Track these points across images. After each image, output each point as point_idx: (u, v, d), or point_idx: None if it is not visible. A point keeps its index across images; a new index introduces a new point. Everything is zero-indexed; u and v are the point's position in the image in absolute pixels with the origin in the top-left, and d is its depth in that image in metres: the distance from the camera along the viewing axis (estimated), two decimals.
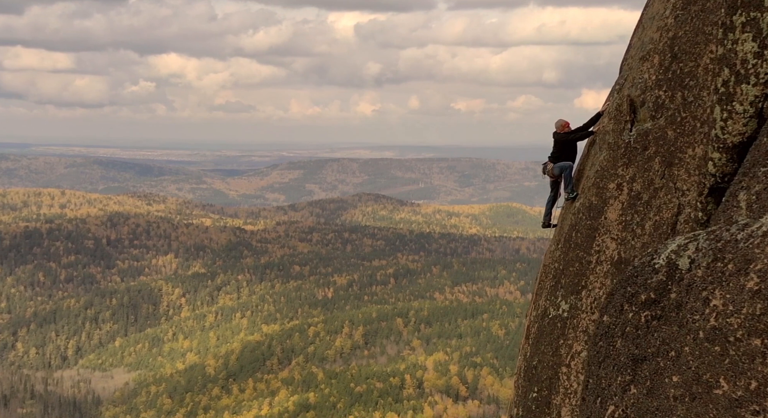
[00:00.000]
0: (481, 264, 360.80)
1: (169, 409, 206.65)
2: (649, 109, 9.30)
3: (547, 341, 9.71)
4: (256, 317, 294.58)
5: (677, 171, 8.56)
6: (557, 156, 11.93)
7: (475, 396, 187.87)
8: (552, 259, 10.51)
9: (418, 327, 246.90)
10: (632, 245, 8.86)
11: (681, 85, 8.82)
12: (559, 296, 9.79)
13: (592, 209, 9.70)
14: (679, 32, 9.06)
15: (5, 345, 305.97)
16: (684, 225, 8.22)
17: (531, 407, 9.85)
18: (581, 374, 8.87)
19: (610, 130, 10.07)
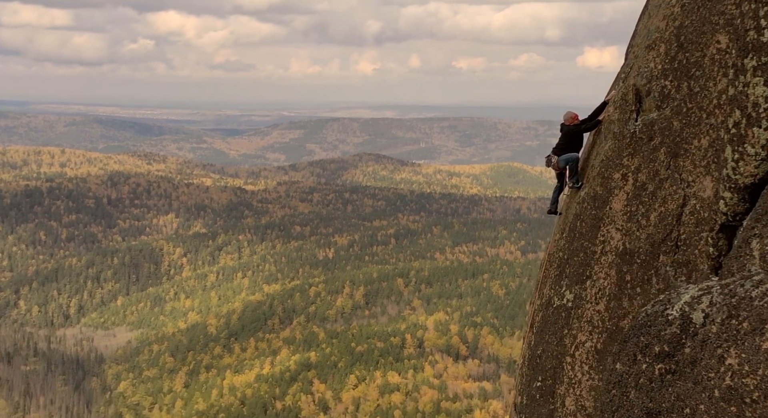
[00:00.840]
0: (481, 224, 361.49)
1: (171, 367, 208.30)
2: (655, 99, 9.19)
3: (551, 330, 9.58)
4: (257, 277, 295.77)
5: (683, 162, 8.47)
6: (563, 148, 11.60)
7: (476, 355, 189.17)
8: (556, 248, 10.29)
9: (418, 287, 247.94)
10: (637, 236, 8.71)
11: (687, 75, 8.69)
12: (563, 286, 9.62)
13: (597, 199, 9.52)
14: (685, 21, 8.93)
15: (8, 303, 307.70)
16: (689, 217, 8.13)
17: (535, 396, 9.75)
18: (585, 365, 8.91)
19: (615, 119, 9.89)
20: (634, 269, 8.35)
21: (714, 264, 6.84)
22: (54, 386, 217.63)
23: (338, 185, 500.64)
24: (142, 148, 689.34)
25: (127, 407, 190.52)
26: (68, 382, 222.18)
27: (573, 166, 10.86)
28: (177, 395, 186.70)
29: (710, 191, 7.78)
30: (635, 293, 8.23)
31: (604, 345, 8.43)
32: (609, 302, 8.55)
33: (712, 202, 7.54)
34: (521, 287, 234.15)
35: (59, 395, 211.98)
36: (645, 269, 8.24)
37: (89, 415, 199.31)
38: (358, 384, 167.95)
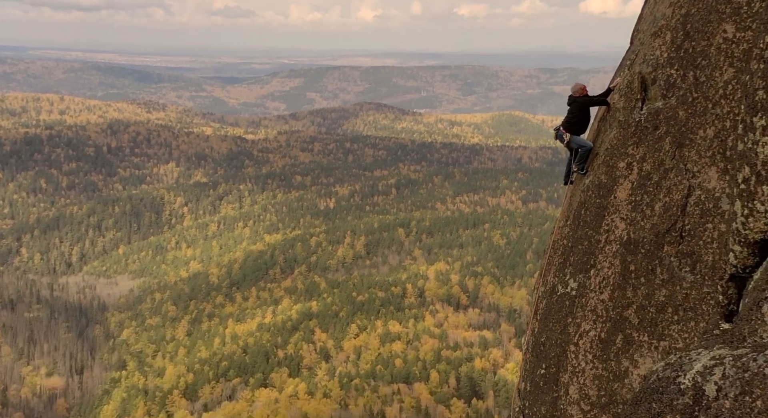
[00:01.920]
0: (482, 174, 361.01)
1: (173, 316, 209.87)
2: (661, 88, 9.12)
3: (555, 318, 9.57)
4: (258, 227, 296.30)
5: (688, 152, 8.44)
6: (573, 123, 11.37)
7: (476, 304, 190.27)
8: (561, 235, 10.23)
9: (419, 237, 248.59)
10: (641, 225, 8.65)
11: (693, 64, 8.63)
12: (567, 274, 9.59)
13: (602, 188, 9.43)
14: (691, 9, 8.85)
15: (10, 250, 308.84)
16: (694, 207, 8.11)
17: (539, 383, 9.79)
18: (589, 354, 8.87)
19: (621, 107, 9.75)
20: (638, 259, 8.33)
21: (724, 311, 6.81)
22: (57, 333, 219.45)
23: (339, 135, 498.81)
24: (141, 96, 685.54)
25: (131, 354, 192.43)
26: (71, 329, 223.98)
27: (584, 153, 10.72)
28: (179, 343, 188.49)
29: (715, 182, 7.79)
30: (639, 283, 8.22)
31: (608, 335, 8.43)
32: (613, 291, 8.54)
33: (717, 198, 7.56)
34: (522, 237, 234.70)
35: (63, 342, 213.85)
36: (649, 259, 8.22)
37: (93, 362, 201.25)
38: (359, 333, 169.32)
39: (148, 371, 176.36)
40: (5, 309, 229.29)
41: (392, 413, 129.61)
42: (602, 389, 8.36)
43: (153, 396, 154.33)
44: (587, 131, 11.48)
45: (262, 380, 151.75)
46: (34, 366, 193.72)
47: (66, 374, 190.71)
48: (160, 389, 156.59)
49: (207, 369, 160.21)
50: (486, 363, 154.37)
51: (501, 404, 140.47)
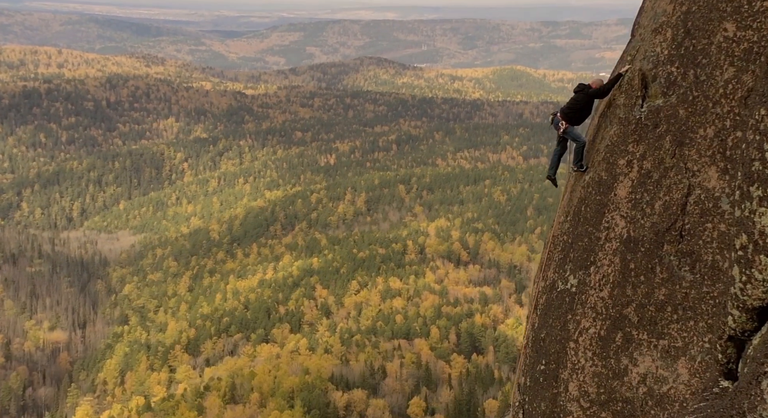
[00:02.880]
0: (483, 129, 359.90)
1: (175, 272, 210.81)
2: (661, 86, 9.01)
3: (555, 314, 9.60)
4: (259, 183, 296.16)
5: (688, 151, 8.36)
6: (575, 110, 11.02)
7: (476, 261, 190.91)
8: (561, 231, 10.21)
9: (420, 194, 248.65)
10: (641, 224, 8.63)
11: (694, 62, 8.52)
12: (567, 270, 9.59)
13: (602, 185, 9.40)
14: (692, 7, 8.76)
15: (10, 205, 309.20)
16: (694, 206, 8.08)
17: (539, 379, 9.85)
18: (589, 351, 8.90)
19: (621, 104, 9.67)
20: (638, 257, 8.31)
21: (723, 369, 6.81)
22: (59, 288, 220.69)
23: (339, 90, 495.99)
24: (139, 49, 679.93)
25: (133, 309, 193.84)
26: (73, 284, 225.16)
27: (578, 149, 10.57)
28: (181, 299, 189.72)
29: (715, 182, 7.80)
30: (639, 282, 8.20)
31: (608, 332, 8.44)
32: (613, 289, 8.54)
33: (717, 197, 7.58)
34: (522, 193, 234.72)
35: (65, 296, 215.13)
36: (649, 257, 8.20)
37: (95, 317, 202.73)
38: (360, 290, 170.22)
39: (150, 326, 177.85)
40: (7, 263, 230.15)
41: (393, 369, 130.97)
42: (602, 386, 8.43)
43: (155, 351, 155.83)
44: (588, 124, 11.31)
45: (263, 335, 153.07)
46: (36, 320, 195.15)
47: (69, 328, 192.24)
48: (163, 344, 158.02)
49: (209, 325, 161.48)
50: (486, 319, 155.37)
51: (501, 360, 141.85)
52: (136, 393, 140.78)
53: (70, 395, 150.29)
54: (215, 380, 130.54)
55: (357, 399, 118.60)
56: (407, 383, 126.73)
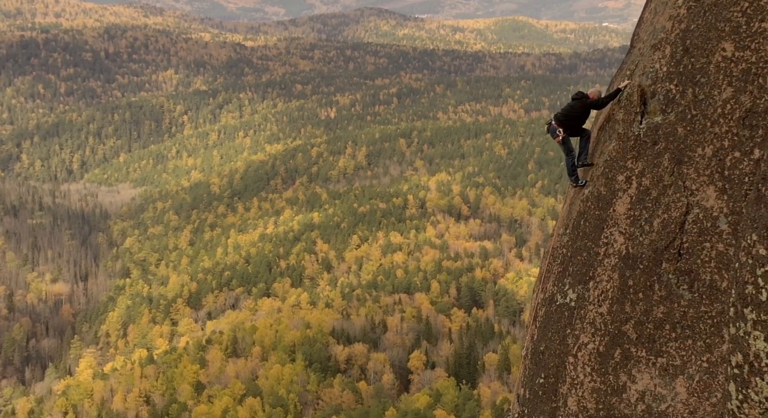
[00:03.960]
0: (485, 82, 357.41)
1: (176, 225, 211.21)
2: (660, 102, 8.93)
3: (554, 328, 9.60)
4: (259, 137, 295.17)
5: (686, 170, 8.29)
6: (571, 118, 10.72)
7: (477, 215, 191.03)
8: (560, 243, 10.18)
9: (420, 148, 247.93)
10: (640, 241, 8.58)
11: (692, 81, 8.46)
12: (566, 284, 9.57)
13: (601, 200, 9.34)
14: (691, 25, 8.68)
15: (10, 156, 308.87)
16: (692, 225, 8.05)
17: (538, 392, 9.88)
18: (587, 366, 8.91)
19: (620, 119, 9.56)
20: (636, 274, 8.28)
21: None
22: (61, 240, 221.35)
23: (339, 42, 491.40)
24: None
25: (134, 262, 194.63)
26: (75, 237, 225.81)
27: (570, 164, 10.34)
28: (182, 253, 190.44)
29: (713, 201, 7.80)
30: (637, 299, 8.18)
31: (607, 348, 8.45)
32: (612, 305, 8.50)
33: (715, 217, 7.58)
34: (524, 147, 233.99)
35: (66, 249, 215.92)
36: (647, 275, 8.17)
37: (97, 269, 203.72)
38: (361, 244, 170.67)
39: (151, 280, 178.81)
40: (8, 215, 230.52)
41: (393, 323, 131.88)
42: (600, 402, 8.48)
43: (157, 304, 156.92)
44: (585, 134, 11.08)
45: (264, 289, 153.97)
46: (38, 272, 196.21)
47: (71, 280, 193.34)
48: (164, 298, 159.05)
49: (210, 279, 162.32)
50: (486, 273, 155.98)
51: (501, 313, 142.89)
52: (139, 346, 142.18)
53: (74, 346, 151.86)
54: (217, 333, 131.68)
55: (358, 353, 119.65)
56: (408, 337, 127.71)
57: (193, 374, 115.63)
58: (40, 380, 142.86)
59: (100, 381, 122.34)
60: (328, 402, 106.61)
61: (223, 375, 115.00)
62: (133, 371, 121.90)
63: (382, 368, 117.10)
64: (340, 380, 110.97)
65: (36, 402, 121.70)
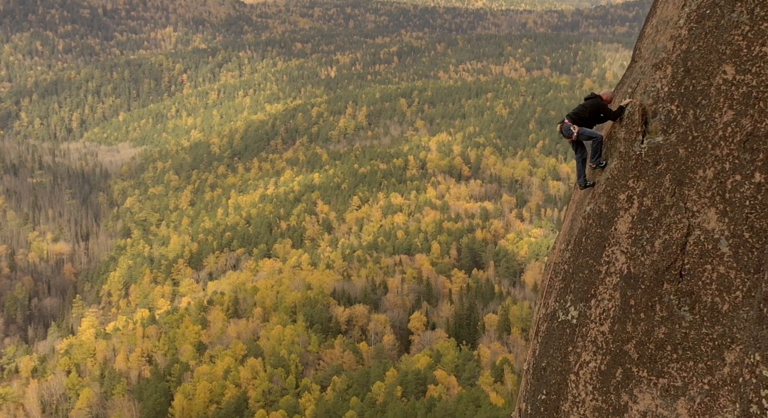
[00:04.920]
0: (486, 40, 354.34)
1: (176, 185, 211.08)
2: (661, 122, 8.89)
3: (556, 345, 9.56)
4: (259, 96, 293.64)
5: (688, 191, 8.26)
6: (583, 116, 10.55)
7: (478, 176, 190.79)
8: (562, 259, 10.10)
9: (421, 108, 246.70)
10: (641, 261, 8.52)
11: (693, 102, 8.42)
12: (568, 301, 9.51)
13: (603, 218, 9.26)
14: (692, 46, 8.66)
15: (9, 114, 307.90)
16: (693, 247, 7.99)
17: (540, 409, 9.83)
18: (589, 385, 8.86)
19: (622, 138, 9.46)
20: (638, 294, 8.23)
21: None
22: (61, 200, 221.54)
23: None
24: None
25: (135, 223, 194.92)
26: (75, 196, 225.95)
27: (596, 145, 10.12)
28: (183, 213, 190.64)
29: (714, 223, 7.75)
30: (639, 319, 8.13)
31: (608, 367, 8.40)
32: (613, 324, 8.46)
33: (717, 239, 7.54)
34: (525, 106, 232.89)
35: (67, 208, 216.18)
36: (649, 295, 8.14)
37: (98, 229, 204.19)
38: (361, 205, 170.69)
39: (152, 240, 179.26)
40: (8, 174, 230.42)
41: (394, 284, 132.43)
42: None
43: (158, 264, 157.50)
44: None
45: (265, 250, 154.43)
46: (39, 232, 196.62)
47: (72, 240, 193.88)
48: (165, 258, 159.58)
49: (211, 239, 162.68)
50: (487, 234, 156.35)
51: (501, 274, 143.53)
52: (141, 306, 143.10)
53: (75, 305, 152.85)
54: (218, 294, 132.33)
55: (358, 314, 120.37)
56: (408, 298, 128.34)
57: (194, 335, 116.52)
58: (43, 338, 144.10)
59: (102, 341, 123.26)
60: (329, 363, 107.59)
61: (224, 336, 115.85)
62: (135, 331, 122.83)
63: (383, 329, 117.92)
64: (341, 341, 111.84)
65: (39, 361, 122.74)
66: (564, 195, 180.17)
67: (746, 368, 6.19)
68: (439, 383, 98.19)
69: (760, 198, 7.47)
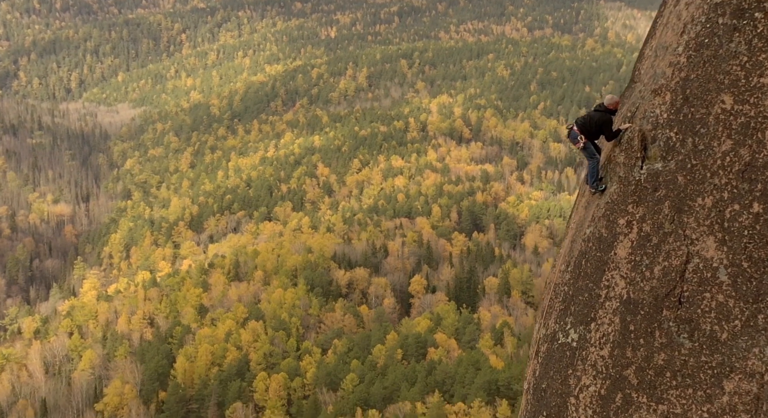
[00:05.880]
0: (487, 0, 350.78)
1: (176, 147, 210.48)
2: (660, 148, 8.85)
3: (556, 367, 9.53)
4: (259, 57, 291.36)
5: (687, 218, 8.21)
6: (590, 125, 10.36)
7: (478, 138, 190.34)
8: (562, 280, 10.04)
9: (422, 69, 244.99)
10: (641, 287, 8.47)
11: (692, 130, 8.40)
12: (568, 323, 9.48)
13: (602, 242, 9.21)
14: (691, 75, 8.61)
15: (7, 73, 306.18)
16: (692, 275, 7.96)
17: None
18: (589, 409, 8.81)
19: (621, 163, 9.40)
20: (637, 320, 8.23)
21: None
22: (61, 161, 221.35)
23: None
24: None
25: (135, 184, 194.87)
26: (75, 157, 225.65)
27: (593, 168, 10.01)
28: (183, 176, 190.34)
29: (713, 252, 7.72)
30: (639, 344, 8.14)
31: (608, 392, 8.34)
32: (613, 348, 8.45)
33: (715, 268, 7.53)
34: (526, 67, 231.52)
35: (67, 169, 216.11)
36: (648, 321, 8.17)
37: (98, 191, 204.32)
38: (362, 168, 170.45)
39: (153, 202, 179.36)
40: (7, 134, 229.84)
41: (394, 247, 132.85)
42: None
43: (159, 227, 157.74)
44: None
45: (266, 213, 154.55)
46: (40, 193, 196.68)
47: (72, 201, 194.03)
48: (166, 220, 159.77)
49: (211, 202, 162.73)
50: (487, 197, 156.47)
51: (501, 237, 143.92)
52: (142, 268, 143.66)
53: (77, 267, 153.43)
54: (219, 257, 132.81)
55: (359, 277, 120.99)
56: (408, 261, 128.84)
57: (195, 298, 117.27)
58: (45, 299, 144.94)
59: (104, 303, 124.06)
60: (330, 326, 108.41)
61: (225, 299, 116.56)
62: (136, 293, 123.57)
63: (383, 293, 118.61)
64: (342, 304, 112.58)
65: (41, 322, 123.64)
66: (565, 157, 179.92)
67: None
68: (440, 346, 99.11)
69: (758, 228, 7.45)
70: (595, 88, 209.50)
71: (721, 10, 8.33)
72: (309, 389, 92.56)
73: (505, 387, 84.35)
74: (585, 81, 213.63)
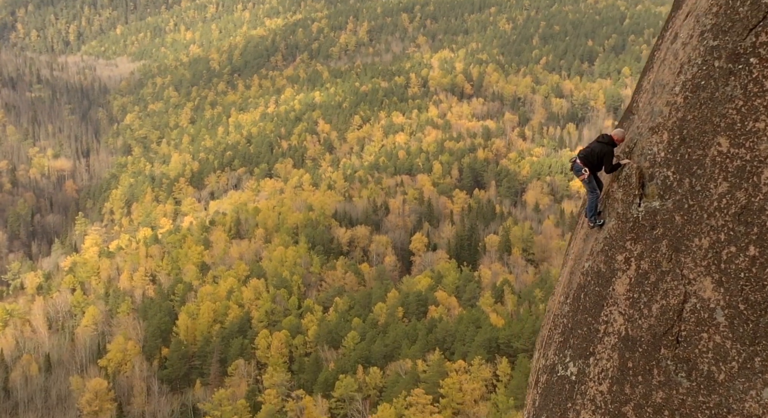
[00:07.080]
0: None
1: (176, 102, 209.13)
2: (658, 187, 8.86)
3: (555, 400, 9.56)
4: (258, 10, 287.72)
5: (684, 258, 8.20)
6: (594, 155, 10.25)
7: (480, 94, 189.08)
8: (561, 312, 10.04)
9: (423, 23, 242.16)
10: (639, 324, 8.49)
11: (689, 171, 8.41)
12: (567, 356, 9.50)
13: (601, 277, 9.21)
14: (687, 115, 8.61)
15: (5, 25, 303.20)
16: (690, 314, 7.98)
17: None
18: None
19: (619, 199, 9.35)
20: (636, 357, 8.32)
21: None
22: (61, 115, 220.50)
23: None
24: None
25: (135, 140, 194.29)
26: (74, 111, 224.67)
27: (592, 203, 9.95)
28: (183, 131, 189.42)
29: (710, 293, 7.74)
30: (637, 382, 8.23)
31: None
32: (612, 384, 8.53)
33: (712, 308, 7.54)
34: (529, 21, 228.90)
35: (67, 123, 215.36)
36: (647, 358, 8.23)
37: (98, 145, 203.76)
38: (363, 125, 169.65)
39: (153, 158, 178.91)
40: (6, 87, 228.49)
41: (395, 205, 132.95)
42: None
43: (160, 183, 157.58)
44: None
45: (266, 170, 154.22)
46: (40, 147, 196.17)
47: (72, 156, 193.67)
48: (167, 176, 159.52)
49: (212, 158, 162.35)
50: (489, 154, 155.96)
51: (502, 194, 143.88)
52: (143, 224, 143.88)
53: (78, 223, 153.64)
54: (220, 214, 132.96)
55: (360, 235, 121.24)
56: (409, 219, 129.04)
57: (197, 255, 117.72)
58: (47, 255, 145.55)
59: (106, 259, 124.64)
60: (331, 284, 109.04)
61: (227, 256, 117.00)
62: (138, 250, 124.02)
63: (384, 250, 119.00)
64: (343, 262, 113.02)
65: (44, 278, 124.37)
66: (567, 113, 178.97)
67: None
68: (440, 304, 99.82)
69: (754, 271, 7.42)
70: (598, 42, 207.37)
71: (717, 54, 8.31)
72: (310, 347, 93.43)
73: (505, 345, 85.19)
74: (588, 35, 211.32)
